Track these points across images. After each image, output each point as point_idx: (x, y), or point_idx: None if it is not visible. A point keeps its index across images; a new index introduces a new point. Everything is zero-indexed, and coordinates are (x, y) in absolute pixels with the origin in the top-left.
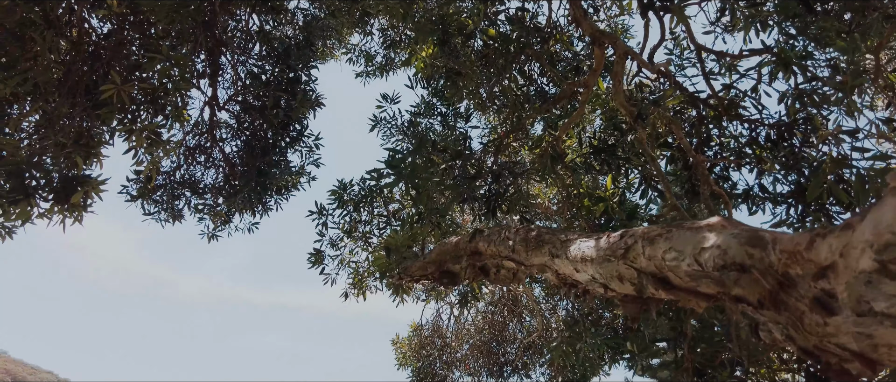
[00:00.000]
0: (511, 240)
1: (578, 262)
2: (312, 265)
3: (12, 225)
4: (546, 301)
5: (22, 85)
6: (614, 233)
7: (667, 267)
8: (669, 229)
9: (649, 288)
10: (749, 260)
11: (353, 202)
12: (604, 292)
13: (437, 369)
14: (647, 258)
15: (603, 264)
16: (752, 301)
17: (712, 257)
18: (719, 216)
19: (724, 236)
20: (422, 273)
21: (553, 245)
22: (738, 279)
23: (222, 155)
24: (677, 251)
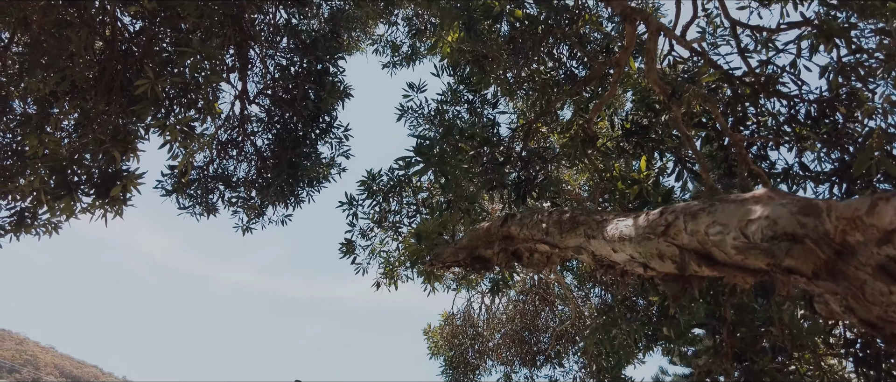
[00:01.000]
0: (544, 223)
1: (616, 242)
2: (344, 256)
3: (58, 221)
4: (578, 289)
5: (60, 83)
6: (653, 210)
7: (710, 242)
8: (712, 203)
9: (692, 265)
10: (801, 229)
11: (383, 192)
12: (643, 271)
13: (469, 358)
14: (689, 234)
15: (642, 242)
16: (806, 273)
17: (760, 228)
18: (765, 188)
19: (773, 206)
20: (453, 260)
21: (588, 226)
22: (789, 250)
23: (254, 148)
24: (721, 225)
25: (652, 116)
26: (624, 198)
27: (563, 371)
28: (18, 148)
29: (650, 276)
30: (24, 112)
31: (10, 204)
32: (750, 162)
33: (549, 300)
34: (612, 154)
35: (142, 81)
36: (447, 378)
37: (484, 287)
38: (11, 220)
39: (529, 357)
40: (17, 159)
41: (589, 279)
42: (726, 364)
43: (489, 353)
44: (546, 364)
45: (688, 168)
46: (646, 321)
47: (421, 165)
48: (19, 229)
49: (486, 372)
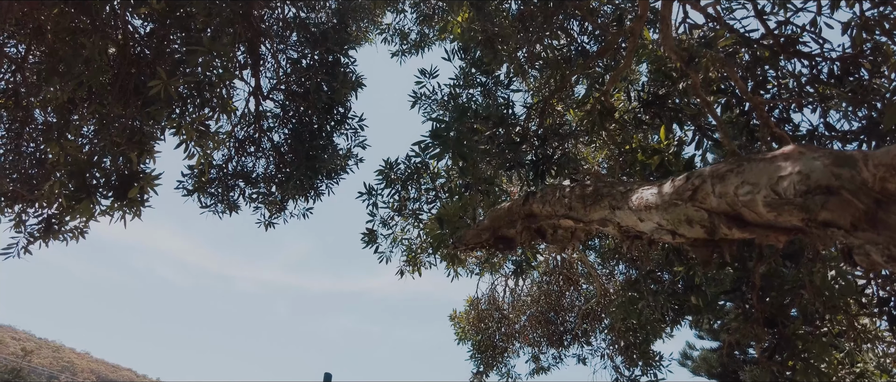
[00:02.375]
0: (567, 198)
1: (642, 211)
2: (367, 245)
3: (83, 226)
4: (602, 267)
5: (78, 90)
6: (678, 177)
7: (740, 203)
8: (740, 164)
9: (722, 229)
10: (837, 181)
11: (401, 181)
12: (672, 239)
13: (496, 341)
14: (717, 197)
15: (669, 209)
16: (844, 225)
17: (792, 184)
18: (794, 144)
19: (804, 160)
20: (476, 241)
21: (612, 198)
22: (825, 203)
23: (271, 144)
24: (751, 185)
25: (669, 85)
26: (645, 169)
27: (592, 349)
28: (41, 156)
29: (678, 243)
30: (46, 121)
31: (38, 212)
32: (772, 125)
33: (574, 279)
34: (630, 126)
35: (155, 82)
36: (475, 362)
37: (507, 270)
38: (40, 227)
39: (556, 337)
40: (41, 168)
41: (612, 256)
42: (758, 330)
43: (516, 335)
44: (573, 343)
45: (708, 136)
46: (672, 294)
47: (438, 148)
48: (48, 235)
49: (514, 355)
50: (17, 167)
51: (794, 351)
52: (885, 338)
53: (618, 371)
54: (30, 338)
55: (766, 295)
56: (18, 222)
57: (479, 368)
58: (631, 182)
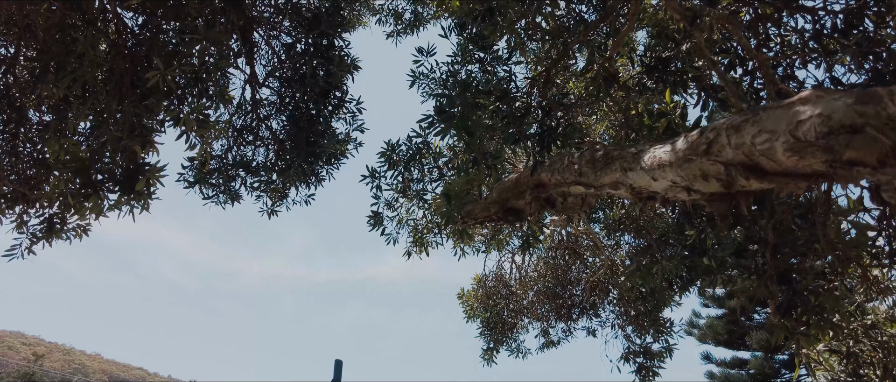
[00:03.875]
0: (576, 164)
1: (655, 169)
2: (372, 228)
3: (86, 224)
4: (608, 238)
5: (72, 86)
6: (691, 132)
7: (758, 152)
8: (755, 113)
9: (739, 180)
10: (861, 119)
11: (403, 162)
12: (687, 195)
13: (505, 318)
14: (733, 148)
15: (683, 165)
16: (871, 162)
17: (813, 126)
18: (810, 89)
19: (824, 103)
20: (485, 215)
21: (623, 160)
22: (850, 142)
23: (270, 132)
24: (769, 132)
25: (672, 47)
26: (651, 134)
27: (600, 321)
28: (39, 156)
29: (694, 200)
30: (41, 120)
31: (39, 212)
32: (777, 82)
33: (579, 252)
34: (634, 92)
35: (152, 73)
36: (485, 339)
37: (513, 246)
38: (42, 227)
39: (564, 310)
40: (40, 167)
41: (618, 227)
42: (771, 287)
43: (524, 311)
44: (582, 316)
45: (712, 96)
46: (684, 257)
47: (443, 125)
48: (50, 235)
49: (523, 330)
50: (15, 168)
51: (807, 306)
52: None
53: (629, 340)
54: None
55: (778, 252)
56: (20, 223)
57: (489, 345)
58: (641, 143)
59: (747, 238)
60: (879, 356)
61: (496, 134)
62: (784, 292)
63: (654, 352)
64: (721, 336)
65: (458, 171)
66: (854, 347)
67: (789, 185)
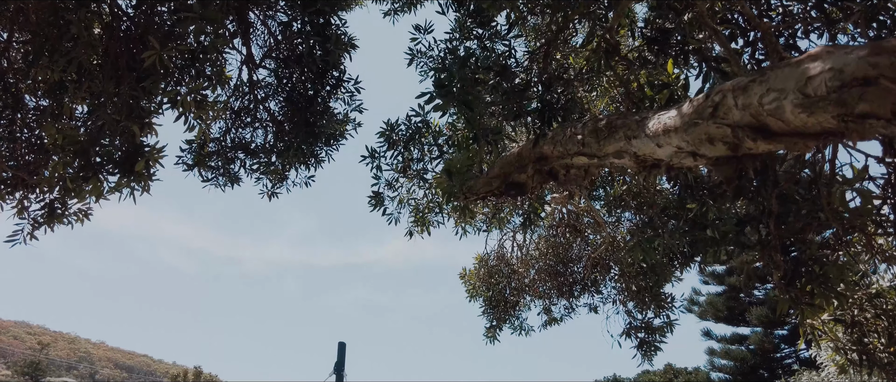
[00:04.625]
0: (579, 135)
1: (660, 136)
2: (374, 208)
3: (87, 208)
4: (609, 215)
5: (68, 68)
6: (697, 95)
7: (765, 113)
8: (763, 72)
9: (746, 142)
10: (874, 70)
11: (403, 142)
12: (693, 161)
13: (507, 296)
14: (740, 109)
15: (689, 129)
16: (884, 114)
17: (824, 81)
18: (820, 46)
19: (835, 57)
20: (487, 190)
21: (627, 128)
22: (863, 94)
23: (268, 113)
24: (777, 91)
25: (673, 17)
26: (654, 106)
27: (602, 297)
28: (37, 141)
29: (700, 165)
30: (38, 105)
31: (39, 197)
32: (780, 51)
33: (581, 229)
34: (635, 65)
35: (149, 53)
36: (488, 317)
37: (514, 225)
38: (43, 212)
39: (566, 288)
40: (39, 152)
41: (618, 204)
42: (775, 257)
43: (526, 289)
44: (583, 293)
45: (713, 67)
46: (686, 231)
47: (442, 100)
48: (52, 220)
49: (526, 308)
50: (13, 154)
51: (811, 276)
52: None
53: (630, 316)
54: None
55: (782, 222)
56: (21, 208)
57: (492, 323)
58: (645, 111)
59: (750, 210)
60: (884, 324)
61: (496, 110)
62: (788, 262)
63: (656, 327)
64: (721, 312)
65: (458, 148)
66: (858, 316)
67: (798, 145)
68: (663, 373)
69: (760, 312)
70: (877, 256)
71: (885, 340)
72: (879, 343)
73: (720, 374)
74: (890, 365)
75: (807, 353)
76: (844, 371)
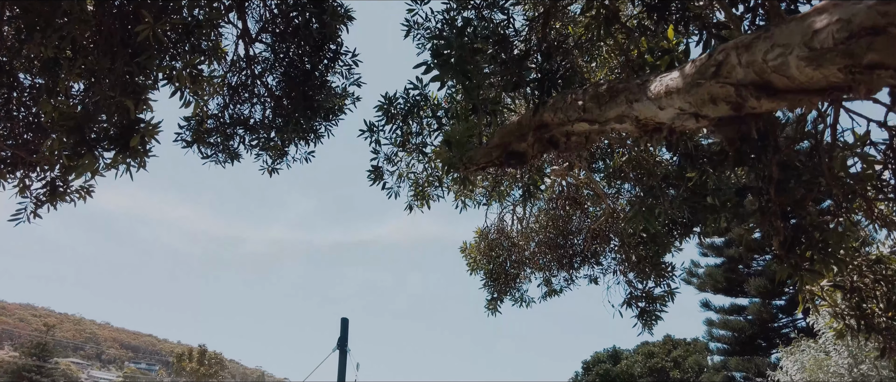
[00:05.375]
0: (580, 100)
1: (662, 98)
2: (373, 182)
3: (89, 186)
4: (609, 187)
5: (61, 44)
6: (700, 55)
7: (770, 69)
8: (767, 29)
9: (750, 101)
10: (884, 19)
11: (401, 115)
12: (695, 122)
13: (507, 269)
14: (744, 67)
15: (691, 90)
16: (893, 64)
17: (831, 33)
18: None
19: (842, 9)
20: (487, 160)
21: (629, 91)
22: (871, 44)
23: (265, 88)
24: (782, 47)
25: None
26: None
27: (602, 268)
28: (34, 120)
29: (703, 125)
30: (33, 83)
31: (40, 175)
32: (783, 15)
33: (580, 201)
34: (636, 32)
35: (142, 27)
36: (489, 289)
37: (514, 198)
38: (44, 190)
39: (566, 260)
40: (37, 131)
41: (618, 176)
42: (775, 224)
43: (526, 262)
44: (583, 264)
45: (713, 34)
46: (687, 199)
47: (440, 70)
48: (54, 198)
49: (526, 280)
50: (12, 132)
51: (811, 242)
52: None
53: (631, 286)
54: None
55: (782, 188)
56: (22, 187)
57: (492, 295)
58: (647, 75)
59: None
60: (883, 289)
61: (495, 81)
62: (788, 229)
63: (656, 296)
64: (720, 283)
65: (457, 119)
66: (858, 282)
67: (802, 102)
68: (662, 344)
69: (759, 283)
70: (877, 221)
71: (884, 305)
72: (878, 308)
73: (718, 344)
74: (888, 330)
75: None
76: (841, 336)
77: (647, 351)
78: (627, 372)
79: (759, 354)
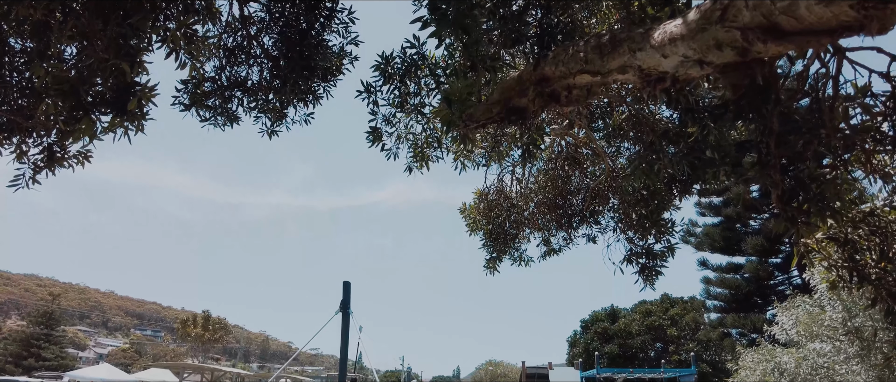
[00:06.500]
0: (582, 52)
1: (666, 46)
2: (372, 143)
3: (87, 151)
4: (608, 146)
5: (52, 4)
6: (704, 1)
7: (777, 11)
8: None
9: (756, 45)
10: None
11: (399, 75)
12: (699, 70)
13: (507, 229)
14: (750, 10)
15: (696, 36)
16: None
17: None
18: None
19: None
20: (487, 116)
21: (632, 41)
22: None
23: (262, 49)
24: None
25: None
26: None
27: (600, 228)
28: (28, 84)
29: (707, 73)
30: (24, 47)
31: (37, 141)
32: None
33: (580, 160)
34: None
35: None
36: (488, 249)
37: (514, 158)
38: (42, 156)
39: (565, 219)
40: (31, 95)
41: (618, 134)
42: (774, 176)
43: (525, 222)
44: (582, 224)
45: None
46: (685, 154)
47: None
48: (52, 163)
49: (525, 240)
50: (6, 98)
51: (808, 195)
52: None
53: (631, 243)
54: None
55: (782, 141)
56: (20, 153)
57: (492, 255)
58: (650, 24)
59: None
60: (876, 241)
61: (494, 36)
62: (786, 181)
63: (656, 253)
64: (717, 242)
65: (455, 76)
66: (852, 234)
67: (810, 43)
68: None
69: (756, 241)
70: (874, 173)
71: (877, 256)
72: (870, 259)
73: (715, 302)
74: (879, 280)
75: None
76: (834, 287)
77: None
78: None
79: (755, 311)
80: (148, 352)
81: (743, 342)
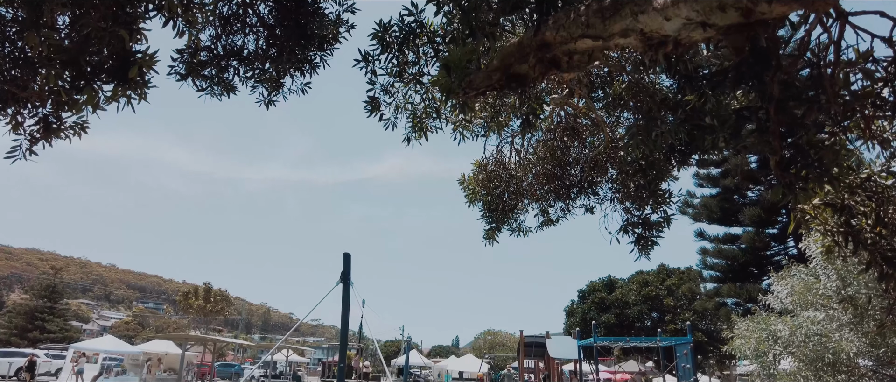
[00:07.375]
0: (583, 16)
1: (669, 7)
2: (370, 113)
3: (84, 121)
4: (608, 116)
5: None
6: None
7: None
8: None
9: (760, 5)
10: None
11: (397, 44)
12: (702, 32)
13: (505, 200)
14: None
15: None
16: None
17: None
18: None
19: None
20: (487, 83)
21: (634, 3)
22: None
23: (258, 18)
24: None
25: None
26: None
27: (598, 198)
28: (21, 55)
29: (710, 36)
30: (15, 16)
31: (32, 112)
32: None
33: (579, 130)
34: None
35: None
36: (487, 220)
37: (513, 128)
38: (38, 127)
39: (563, 190)
40: (24, 66)
41: (617, 104)
42: (773, 143)
43: (524, 193)
44: (580, 195)
45: None
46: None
47: None
48: (48, 134)
49: (523, 211)
50: None
51: (807, 161)
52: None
53: (628, 212)
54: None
55: (782, 107)
56: (16, 124)
57: (491, 226)
58: None
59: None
60: (872, 206)
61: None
62: (785, 147)
63: (653, 222)
64: (715, 213)
65: (454, 43)
66: (848, 199)
67: (815, 3)
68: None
69: (752, 212)
70: (873, 139)
71: (872, 221)
72: (866, 224)
73: (712, 272)
74: (874, 244)
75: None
76: (830, 252)
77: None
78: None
79: (751, 281)
80: (151, 324)
81: (738, 311)
